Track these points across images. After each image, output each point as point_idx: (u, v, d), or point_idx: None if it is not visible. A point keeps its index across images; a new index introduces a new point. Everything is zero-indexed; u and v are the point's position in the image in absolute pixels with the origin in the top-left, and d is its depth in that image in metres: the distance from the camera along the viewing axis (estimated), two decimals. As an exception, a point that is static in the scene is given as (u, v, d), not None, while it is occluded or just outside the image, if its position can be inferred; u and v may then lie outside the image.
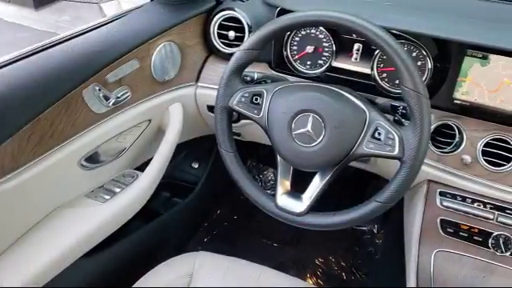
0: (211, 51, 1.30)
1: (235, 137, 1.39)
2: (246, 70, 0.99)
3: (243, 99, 0.94)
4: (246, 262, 1.14)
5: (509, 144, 1.01)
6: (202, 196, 1.65)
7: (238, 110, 0.95)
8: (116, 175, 1.22)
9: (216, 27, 1.24)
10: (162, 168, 1.20)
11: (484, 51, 0.98)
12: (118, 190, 1.15)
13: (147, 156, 1.30)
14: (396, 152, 0.83)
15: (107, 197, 1.12)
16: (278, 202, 0.95)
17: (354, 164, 1.23)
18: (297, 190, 0.96)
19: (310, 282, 1.70)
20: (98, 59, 1.01)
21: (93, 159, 1.11)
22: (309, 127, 0.88)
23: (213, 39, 1.25)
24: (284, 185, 0.96)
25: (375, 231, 1.90)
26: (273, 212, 0.95)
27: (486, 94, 1.02)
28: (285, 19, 0.88)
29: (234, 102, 0.95)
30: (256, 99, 0.94)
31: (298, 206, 0.93)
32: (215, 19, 1.24)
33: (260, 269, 1.12)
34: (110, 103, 1.07)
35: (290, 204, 0.94)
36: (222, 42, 1.25)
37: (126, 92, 1.11)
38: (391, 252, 1.44)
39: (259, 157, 2.08)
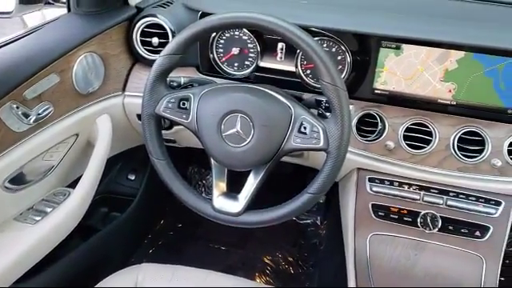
0: (136, 59, 1.28)
1: (171, 144, 1.38)
2: (172, 75, 0.98)
3: (170, 105, 0.94)
4: (191, 269, 1.13)
5: (427, 127, 1.08)
6: (142, 207, 1.62)
7: (166, 117, 0.95)
8: (46, 195, 1.17)
9: (139, 35, 1.23)
10: (94, 183, 1.16)
11: (397, 42, 1.04)
12: (49, 209, 1.10)
13: (78, 172, 1.25)
14: (321, 144, 0.86)
15: (38, 218, 1.07)
16: (215, 205, 0.95)
17: (288, 159, 1.26)
18: (237, 190, 0.97)
19: (259, 280, 1.72)
20: (14, 76, 0.97)
21: (18, 180, 1.06)
22: (238, 127, 0.89)
23: (136, 47, 1.24)
24: (219, 187, 0.97)
25: (318, 223, 1.96)
26: (210, 215, 0.96)
27: (403, 81, 1.08)
28: (202, 22, 0.89)
29: (161, 108, 0.94)
30: (183, 104, 0.94)
31: (235, 206, 0.94)
32: (137, 27, 1.22)
33: (206, 273, 1.11)
34: (31, 120, 1.02)
35: (226, 205, 0.95)
36: (147, 49, 1.24)
37: (48, 108, 1.07)
38: (333, 241, 1.49)
39: (200, 162, 2.08)
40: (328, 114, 0.95)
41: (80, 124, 1.19)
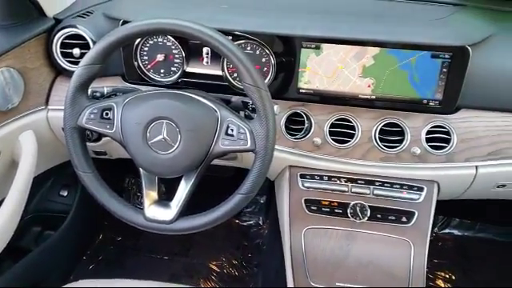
0: (58, 71, 1.24)
1: (102, 156, 1.34)
2: (96, 85, 0.97)
3: (92, 116, 0.92)
4: (130, 280, 1.11)
5: (350, 122, 1.13)
6: (78, 223, 1.57)
7: (89, 128, 0.93)
8: (-31, 218, 1.10)
9: (59, 46, 1.19)
10: (20, 203, 1.11)
11: (316, 42, 1.08)
12: (-29, 234, 1.04)
13: (2, 193, 1.19)
14: (249, 145, 0.88)
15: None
16: (147, 214, 0.94)
17: (223, 162, 1.27)
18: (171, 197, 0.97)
19: (203, 286, 1.71)
20: None
21: None
22: (164, 134, 0.89)
23: (57, 59, 1.20)
24: (150, 196, 0.96)
25: (261, 223, 1.98)
26: (142, 225, 0.95)
27: (325, 80, 1.12)
28: (119, 31, 0.88)
29: (83, 120, 0.92)
30: (106, 114, 0.92)
31: (168, 213, 0.94)
32: (56, 38, 1.18)
33: (146, 284, 1.10)
34: None
35: (158, 214, 0.94)
36: (69, 61, 1.20)
37: (-36, 127, 1.01)
38: (274, 239, 1.52)
39: (137, 172, 2.03)
40: (254, 114, 0.97)
41: (1, 142, 1.13)
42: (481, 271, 1.79)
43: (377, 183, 1.15)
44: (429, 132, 1.10)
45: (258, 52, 1.12)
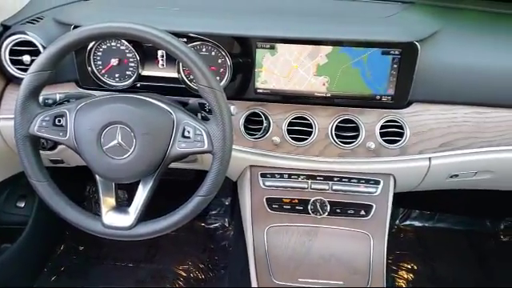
0: (8, 79, 1.20)
1: (60, 164, 1.31)
2: (47, 92, 0.95)
3: (44, 123, 0.90)
4: None
5: (307, 120, 1.15)
6: (36, 234, 1.53)
7: (42, 136, 0.91)
8: None
9: (7, 53, 1.15)
10: None
11: (270, 42, 1.09)
12: None
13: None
14: (206, 146, 0.88)
15: None
16: (105, 221, 0.93)
17: (183, 165, 1.26)
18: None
19: (170, 291, 1.70)
20: None
21: None
22: (119, 139, 0.88)
23: (6, 66, 1.16)
24: (108, 202, 0.95)
25: (226, 225, 1.98)
26: (100, 232, 0.93)
27: (281, 79, 1.13)
28: (69, 36, 0.87)
29: (35, 128, 0.90)
30: (59, 121, 0.90)
31: (126, 219, 0.93)
32: (5, 45, 1.14)
33: None
34: None
35: (117, 220, 0.93)
36: (19, 68, 1.17)
37: None
38: (239, 240, 1.52)
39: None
40: (211, 116, 0.98)
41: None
42: (440, 259, 1.85)
43: (335, 179, 1.18)
44: (382, 127, 1.13)
45: (213, 53, 1.12)
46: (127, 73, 1.16)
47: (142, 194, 0.93)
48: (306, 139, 1.14)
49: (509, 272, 1.81)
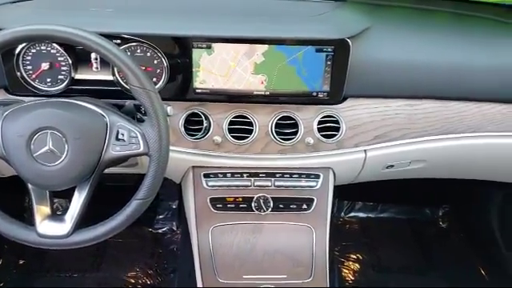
0: None
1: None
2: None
3: None
4: None
5: (247, 118, 1.16)
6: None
7: None
8: None
9: None
10: None
11: (206, 41, 1.09)
12: None
13: None
14: (142, 149, 0.87)
15: None
16: (39, 230, 0.89)
17: (123, 170, 1.24)
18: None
19: (118, 299, 1.66)
20: None
21: None
22: (49, 145, 0.85)
23: None
24: (42, 211, 0.91)
25: (174, 228, 1.96)
26: (35, 242, 0.90)
27: (220, 79, 1.13)
28: None
29: None
30: None
31: (62, 228, 0.90)
32: None
33: None
34: None
35: (52, 229, 0.90)
36: None
37: None
38: (186, 242, 1.51)
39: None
40: (146, 117, 0.96)
41: None
42: (384, 248, 1.93)
43: (277, 175, 1.20)
44: (320, 122, 1.16)
45: (148, 54, 1.10)
46: (59, 77, 1.11)
47: (77, 201, 0.90)
48: (247, 137, 1.15)
49: (448, 256, 1.91)
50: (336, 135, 1.16)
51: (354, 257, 1.88)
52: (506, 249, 1.65)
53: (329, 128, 1.16)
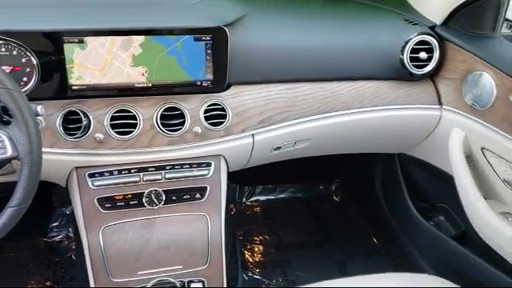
0: None
1: None
2: None
3: None
4: None
5: (130, 112, 1.13)
6: None
7: None
8: None
9: None
10: None
11: (78, 36, 1.04)
12: None
13: None
14: (10, 153, 0.81)
15: None
16: None
17: (2, 179, 1.14)
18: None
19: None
20: None
21: None
22: None
23: None
24: None
25: (71, 235, 1.86)
26: None
27: (97, 73, 1.09)
28: None
29: None
30: None
31: None
32: None
33: None
34: None
35: None
36: None
37: None
38: (80, 247, 1.45)
39: None
40: (13, 119, 0.90)
41: None
42: (284, 227, 2.01)
43: (167, 167, 1.18)
44: (206, 111, 1.17)
45: (15, 52, 1.02)
46: None
47: None
48: (132, 132, 1.12)
49: (342, 227, 2.05)
50: (223, 122, 1.18)
51: (257, 239, 1.93)
52: (389, 214, 1.81)
53: (216, 116, 1.18)
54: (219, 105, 1.18)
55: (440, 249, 1.51)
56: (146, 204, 1.16)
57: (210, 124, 1.17)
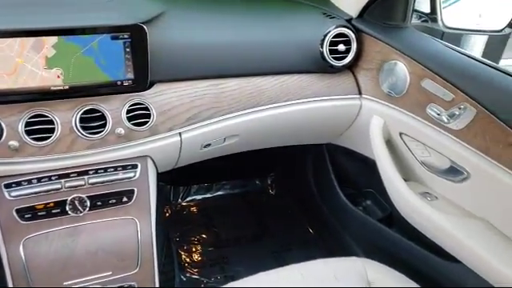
0: None
1: None
2: None
3: None
4: None
5: (47, 117, 1.07)
6: None
7: None
8: None
9: None
10: None
11: None
12: None
13: None
14: None
15: None
16: None
17: None
18: None
19: None
20: None
21: None
22: None
23: None
24: None
25: None
26: None
27: (6, 78, 1.02)
28: None
29: None
30: None
31: None
32: None
33: None
34: None
35: None
36: None
37: None
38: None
39: None
40: None
41: None
42: (222, 224, 2.01)
43: (90, 172, 1.14)
44: (129, 111, 1.14)
45: None
46: None
47: None
48: (50, 137, 1.07)
49: (279, 219, 2.08)
50: (147, 122, 1.15)
51: (194, 239, 1.92)
52: (322, 203, 1.86)
53: (139, 116, 1.15)
54: (142, 104, 1.15)
55: (369, 232, 1.58)
56: (69, 212, 1.11)
57: (133, 124, 1.14)
